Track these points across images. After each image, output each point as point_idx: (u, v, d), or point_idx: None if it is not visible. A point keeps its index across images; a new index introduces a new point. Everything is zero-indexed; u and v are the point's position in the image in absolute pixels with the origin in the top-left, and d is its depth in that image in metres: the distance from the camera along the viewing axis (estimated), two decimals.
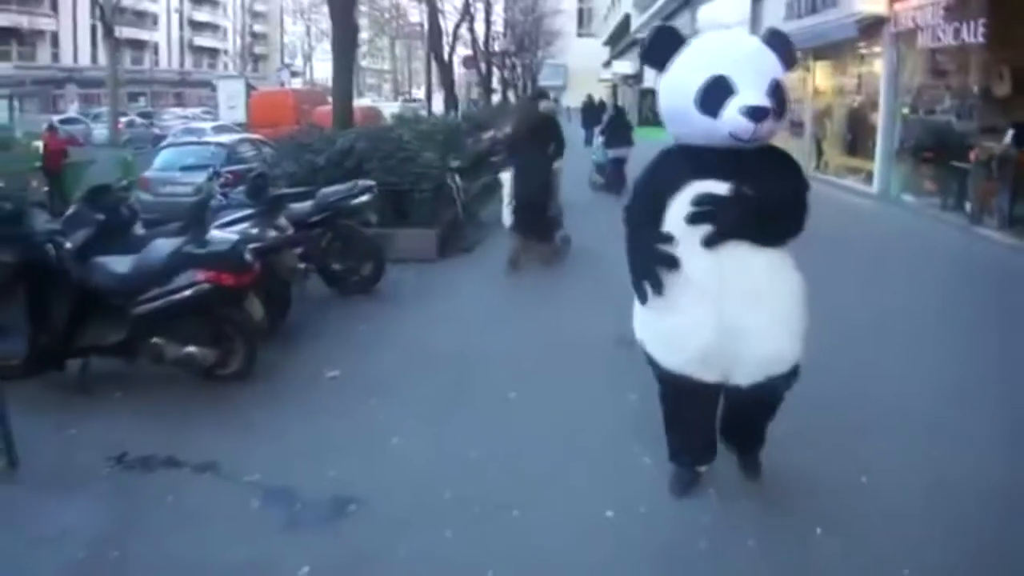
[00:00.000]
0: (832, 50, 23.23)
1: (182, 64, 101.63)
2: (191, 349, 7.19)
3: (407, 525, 4.99)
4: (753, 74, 4.61)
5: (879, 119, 20.22)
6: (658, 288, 4.70)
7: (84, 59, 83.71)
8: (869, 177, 20.85)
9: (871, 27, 20.03)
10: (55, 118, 37.41)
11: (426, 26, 42.56)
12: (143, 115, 54.28)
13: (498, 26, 57.80)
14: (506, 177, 12.26)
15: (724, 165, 4.61)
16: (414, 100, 64.16)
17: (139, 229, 8.63)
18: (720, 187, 4.58)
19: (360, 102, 41.24)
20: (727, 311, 4.64)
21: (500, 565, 4.53)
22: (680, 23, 41.19)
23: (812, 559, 4.46)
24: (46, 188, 19.55)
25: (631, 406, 6.32)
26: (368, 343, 8.72)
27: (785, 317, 4.75)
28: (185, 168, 17.22)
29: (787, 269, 4.79)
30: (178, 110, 63.33)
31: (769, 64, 4.70)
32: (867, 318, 8.98)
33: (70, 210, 8.05)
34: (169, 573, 4.58)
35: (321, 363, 7.96)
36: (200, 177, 14.58)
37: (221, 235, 7.69)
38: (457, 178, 14.61)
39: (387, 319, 9.65)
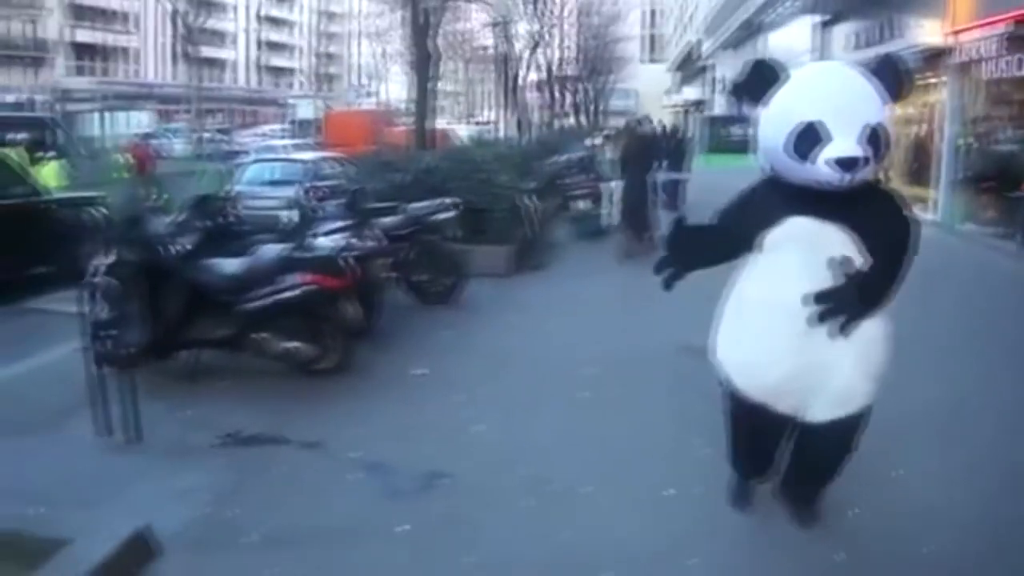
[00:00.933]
0: None
1: (258, 82, 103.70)
2: (293, 344, 7.97)
3: (491, 496, 5.69)
4: (847, 121, 4.50)
5: (941, 149, 20.61)
6: (672, 275, 4.85)
7: (161, 76, 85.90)
8: (931, 206, 21.14)
9: (933, 58, 20.36)
10: (136, 131, 38.92)
11: (498, 51, 43.63)
12: (221, 131, 55.65)
13: (568, 51, 58.51)
14: (613, 186, 14.38)
15: (822, 203, 4.57)
16: (485, 123, 65.17)
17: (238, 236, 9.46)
18: (822, 228, 4.57)
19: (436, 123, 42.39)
20: (811, 345, 4.64)
21: (573, 530, 5.20)
22: (749, 51, 41.72)
23: (845, 531, 5.00)
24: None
25: (693, 406, 6.85)
26: (450, 346, 9.45)
27: (866, 357, 4.72)
28: (271, 183, 18.12)
29: (872, 322, 4.73)
30: (258, 128, 64.93)
31: (867, 107, 4.55)
32: (918, 338, 9.49)
33: (179, 216, 8.87)
34: (284, 528, 5.28)
35: (408, 362, 8.71)
36: (285, 192, 15.49)
37: (323, 242, 8.49)
38: (530, 199, 15.33)
39: (466, 326, 10.36)
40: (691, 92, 66.79)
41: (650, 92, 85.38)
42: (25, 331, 10.47)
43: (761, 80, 4.73)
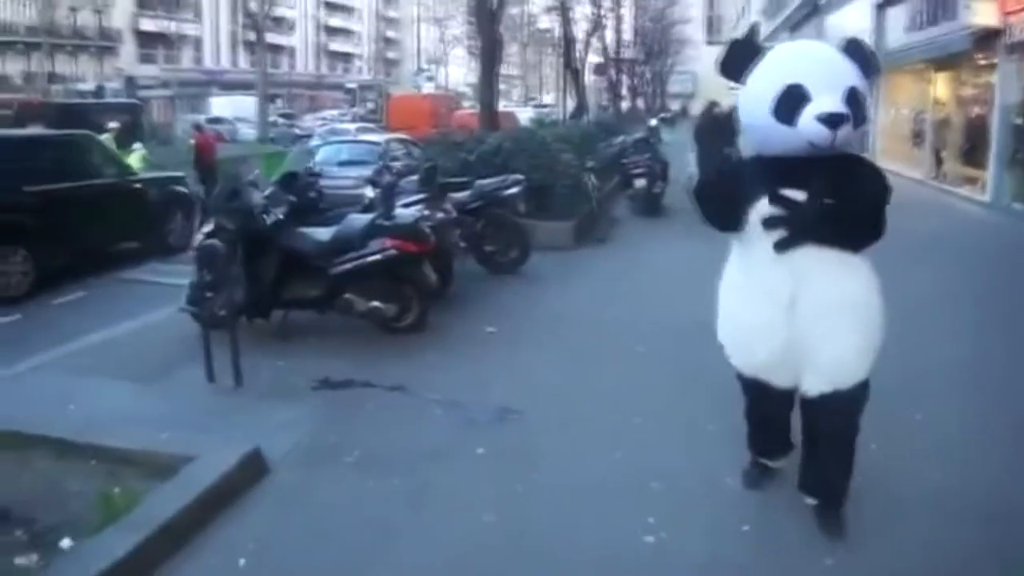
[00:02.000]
0: (951, 61, 23.93)
1: (317, 68, 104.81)
2: (376, 303, 8.84)
3: (554, 427, 6.56)
4: (828, 81, 4.60)
5: (993, 130, 20.96)
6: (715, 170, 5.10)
7: (224, 62, 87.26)
8: (983, 186, 21.55)
9: (985, 39, 20.66)
10: (201, 117, 40.05)
11: (559, 34, 44.19)
12: (285, 116, 56.63)
13: (627, 34, 58.86)
14: (690, 157, 16.07)
15: (802, 175, 4.62)
16: (544, 106, 65.73)
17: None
18: (797, 195, 4.61)
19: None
20: (798, 319, 4.67)
21: (624, 452, 6.05)
22: (807, 32, 41.91)
23: (863, 464, 5.21)
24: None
25: None
26: (517, 309, 10.30)
27: (854, 329, 4.71)
28: (343, 163, 18.99)
29: (863, 283, 4.77)
30: (322, 112, 65.91)
31: (845, 71, 4.66)
32: (957, 306, 10.11)
33: (268, 191, 9.76)
34: (378, 451, 6.13)
35: (480, 322, 9.61)
36: (358, 171, 16.36)
37: (404, 212, 9.36)
38: (592, 177, 16.09)
39: (532, 293, 11.21)
40: None
41: (711, 75, 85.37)
42: (123, 298, 11.60)
43: (740, 58, 4.84)
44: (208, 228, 9.06)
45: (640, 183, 18.30)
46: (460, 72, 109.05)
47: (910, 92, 28.80)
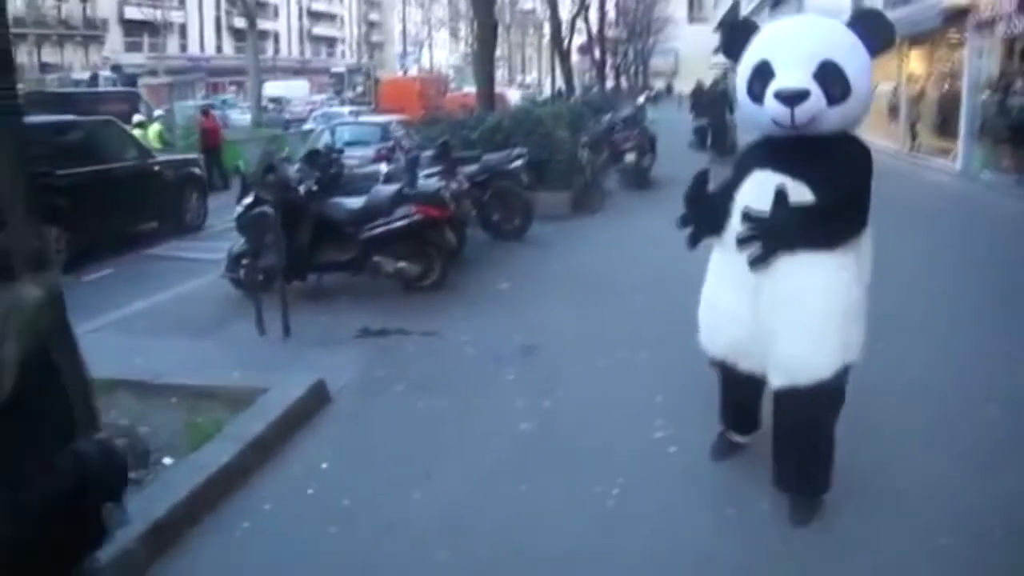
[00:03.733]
0: (924, 38, 25.03)
1: (302, 52, 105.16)
2: (402, 264, 9.90)
3: (572, 359, 7.68)
4: (796, 56, 4.51)
5: (963, 102, 22.07)
6: (693, 236, 5.02)
7: (210, 49, 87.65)
8: (955, 157, 22.63)
9: (955, 17, 21.80)
10: (199, 103, 40.74)
11: (541, 15, 44.91)
12: (273, 100, 57.21)
13: (611, 14, 59.50)
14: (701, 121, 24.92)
15: (783, 155, 4.59)
16: (528, 86, 66.59)
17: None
18: (774, 178, 4.52)
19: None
20: (761, 309, 4.66)
21: (634, 374, 7.20)
22: (787, 9, 42.64)
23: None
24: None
25: None
26: (525, 269, 11.41)
27: (814, 328, 4.57)
28: (348, 144, 19.92)
29: (828, 279, 4.58)
30: (310, 97, 66.51)
31: (821, 45, 4.53)
32: (935, 275, 10.92)
33: (296, 167, 10.76)
34: (423, 382, 7.17)
35: (493, 280, 10.77)
36: (361, 151, 17.40)
37: (426, 182, 10.40)
38: (585, 152, 17.13)
39: (536, 255, 12.31)
40: None
41: (694, 52, 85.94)
42: (152, 273, 12.51)
43: (741, 38, 4.82)
44: (248, 200, 10.04)
45: (630, 157, 19.34)
46: (443, 54, 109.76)
47: (886, 68, 29.74)
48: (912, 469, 5.42)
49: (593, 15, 49.85)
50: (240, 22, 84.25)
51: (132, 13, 76.65)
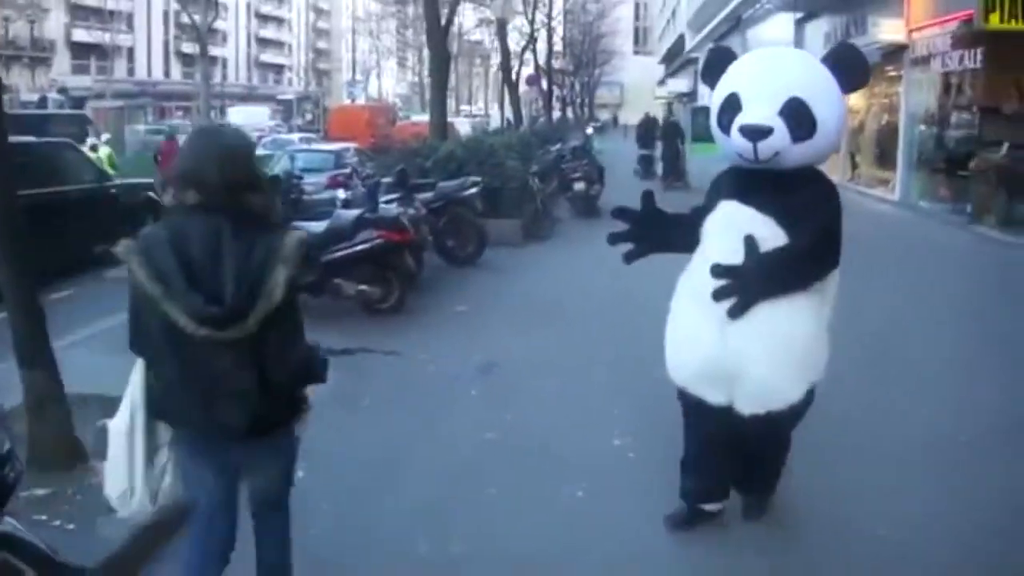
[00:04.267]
0: None
1: (249, 79, 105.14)
2: (363, 287, 10.20)
3: (531, 374, 8.09)
4: (763, 91, 4.57)
5: (900, 135, 22.88)
6: (632, 252, 5.15)
7: (157, 73, 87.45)
8: (893, 187, 23.42)
9: (894, 53, 22.75)
10: (149, 127, 40.72)
11: (489, 46, 45.29)
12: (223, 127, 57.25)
13: (558, 46, 60.22)
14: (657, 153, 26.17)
15: (749, 188, 4.62)
16: (475, 116, 67.11)
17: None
18: (741, 210, 4.59)
19: (424, 117, 44.54)
20: (729, 334, 4.56)
21: (590, 386, 7.52)
22: (731, 44, 43.50)
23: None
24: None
25: None
26: (481, 294, 11.78)
27: (783, 354, 4.57)
28: (303, 171, 20.22)
29: (796, 306, 4.57)
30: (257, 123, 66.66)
31: (792, 82, 4.55)
32: (875, 298, 11.43)
33: None
34: (388, 396, 7.50)
35: (450, 303, 11.14)
36: (315, 178, 17.71)
37: (387, 208, 10.74)
38: (536, 181, 17.55)
39: (490, 280, 12.70)
40: (677, 84, 68.54)
41: (639, 84, 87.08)
42: (112, 294, 11.71)
43: (719, 65, 4.86)
44: None
45: (579, 186, 19.89)
46: (390, 83, 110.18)
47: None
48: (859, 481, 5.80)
49: (541, 46, 50.49)
50: (188, 47, 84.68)
51: (80, 36, 76.34)
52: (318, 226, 10.40)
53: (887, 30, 23.20)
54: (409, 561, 4.93)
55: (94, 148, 23.42)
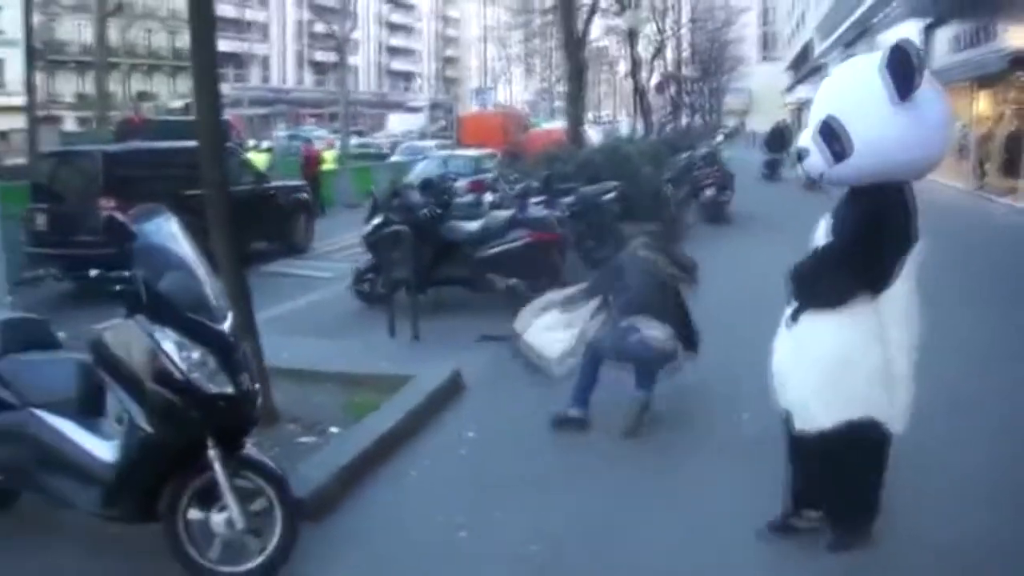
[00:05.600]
0: (992, 80, 26.09)
1: (380, 86, 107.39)
2: (513, 281, 11.20)
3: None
4: (812, 112, 4.80)
5: None
6: None
7: (290, 81, 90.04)
8: (1021, 195, 23.59)
9: (1021, 60, 22.86)
10: (282, 134, 42.40)
11: (614, 52, 45.91)
12: (357, 133, 58.96)
13: (685, 52, 60.65)
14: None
15: (839, 203, 4.88)
16: (602, 122, 67.89)
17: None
18: (822, 225, 4.90)
19: (554, 124, 45.47)
20: (782, 342, 5.01)
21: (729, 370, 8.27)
22: (860, 50, 43.45)
23: None
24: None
25: None
26: None
27: (809, 377, 4.75)
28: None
29: (829, 332, 4.72)
30: (389, 130, 68.54)
31: (828, 99, 4.72)
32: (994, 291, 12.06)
33: (409, 196, 12.04)
34: (543, 379, 8.36)
35: None
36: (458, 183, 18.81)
37: (535, 209, 11.71)
38: (668, 187, 18.36)
39: None
40: (805, 91, 68.21)
41: (765, 91, 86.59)
42: (273, 286, 13.56)
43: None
44: (377, 221, 11.40)
45: (709, 193, 20.68)
46: (517, 89, 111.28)
47: (955, 108, 30.59)
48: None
49: (669, 54, 51.06)
50: (320, 55, 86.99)
51: (219, 45, 79.03)
52: (473, 225, 11.41)
53: (1016, 36, 23.27)
54: (559, 501, 5.84)
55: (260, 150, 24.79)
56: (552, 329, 7.69)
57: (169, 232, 5.07)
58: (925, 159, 4.66)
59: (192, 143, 6.73)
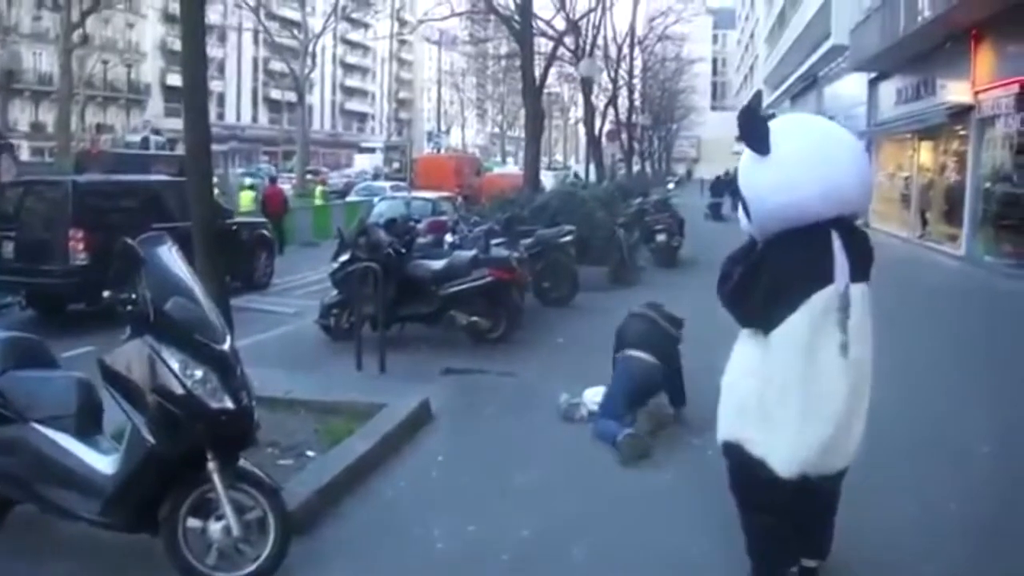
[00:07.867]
0: (932, 132, 27.04)
1: (333, 126, 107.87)
2: (474, 318, 11.68)
3: None
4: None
5: (967, 192, 23.93)
6: None
7: (245, 118, 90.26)
8: (960, 243, 24.45)
9: (959, 114, 23.89)
10: (238, 171, 42.54)
11: (572, 99, 46.52)
12: (312, 172, 59.20)
13: (637, 102, 61.61)
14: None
15: None
16: (555, 168, 68.77)
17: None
18: None
19: (507, 169, 46.03)
20: None
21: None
22: (807, 101, 44.67)
23: None
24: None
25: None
26: (576, 329, 13.12)
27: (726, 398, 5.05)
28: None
29: (736, 352, 5.07)
30: (343, 170, 69.12)
31: (740, 172, 5.03)
32: (927, 347, 12.52)
33: (375, 235, 12.46)
34: (508, 407, 8.84)
35: (550, 336, 12.63)
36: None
37: (498, 250, 12.20)
38: (621, 231, 18.93)
39: (583, 318, 14.01)
40: None
41: (716, 139, 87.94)
42: (239, 321, 13.39)
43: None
44: (344, 258, 11.81)
45: (661, 237, 21.34)
46: (470, 133, 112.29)
47: (899, 158, 31.74)
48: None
49: (621, 102, 51.86)
50: (275, 94, 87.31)
51: (175, 80, 79.30)
52: (437, 264, 11.88)
53: (954, 91, 24.39)
54: (540, 515, 6.30)
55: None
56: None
57: (172, 258, 5.46)
58: (803, 196, 4.62)
59: (159, 177, 7.26)
